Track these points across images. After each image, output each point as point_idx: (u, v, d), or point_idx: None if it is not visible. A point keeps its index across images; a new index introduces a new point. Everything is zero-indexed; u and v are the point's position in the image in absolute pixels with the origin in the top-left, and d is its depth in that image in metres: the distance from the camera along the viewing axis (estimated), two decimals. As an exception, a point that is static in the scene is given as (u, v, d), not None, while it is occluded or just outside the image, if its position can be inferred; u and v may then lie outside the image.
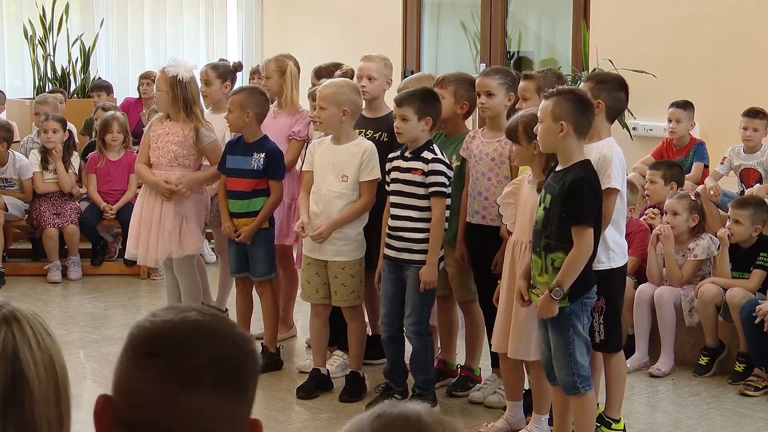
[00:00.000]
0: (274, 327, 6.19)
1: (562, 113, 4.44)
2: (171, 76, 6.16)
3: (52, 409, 1.64)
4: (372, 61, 6.03)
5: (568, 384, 4.58)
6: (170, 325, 1.61)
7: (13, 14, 10.81)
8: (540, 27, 9.92)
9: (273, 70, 6.49)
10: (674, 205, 6.27)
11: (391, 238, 5.36)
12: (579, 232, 4.42)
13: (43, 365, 1.63)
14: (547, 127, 4.47)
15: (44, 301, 7.67)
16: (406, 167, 5.32)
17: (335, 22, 10.71)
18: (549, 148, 4.56)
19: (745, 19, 7.92)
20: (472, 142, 5.49)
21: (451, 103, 5.57)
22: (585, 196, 4.42)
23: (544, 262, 4.51)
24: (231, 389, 1.58)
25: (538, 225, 4.54)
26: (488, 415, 5.40)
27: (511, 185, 5.03)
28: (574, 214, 4.42)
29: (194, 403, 1.56)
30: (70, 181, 8.42)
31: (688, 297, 6.21)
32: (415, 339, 5.38)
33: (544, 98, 4.54)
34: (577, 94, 4.53)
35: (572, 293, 4.48)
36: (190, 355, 1.57)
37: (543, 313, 4.52)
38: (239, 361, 1.60)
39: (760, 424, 5.44)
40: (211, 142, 6.24)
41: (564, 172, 4.49)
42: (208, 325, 1.61)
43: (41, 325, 1.67)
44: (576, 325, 4.53)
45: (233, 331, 1.63)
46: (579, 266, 4.45)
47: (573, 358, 4.53)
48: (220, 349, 1.59)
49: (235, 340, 1.61)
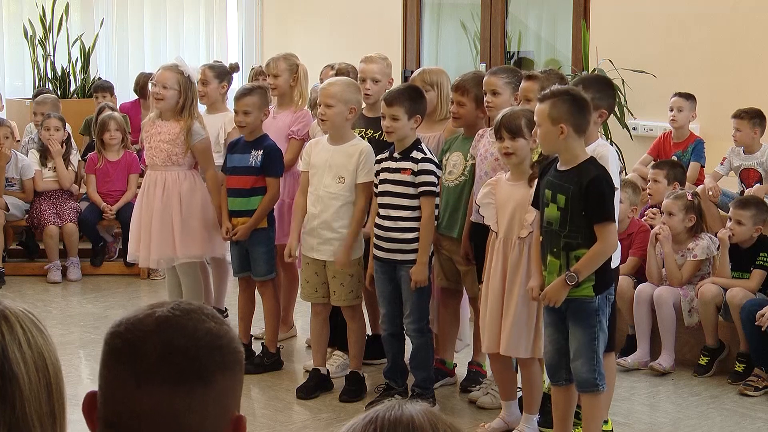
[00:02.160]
0: (274, 327, 6.19)
1: (561, 115, 4.44)
2: (185, 76, 6.14)
3: (44, 407, 1.63)
4: (375, 63, 6.03)
5: (588, 380, 4.57)
6: (133, 321, 1.60)
7: (13, 14, 10.80)
8: (540, 27, 9.91)
9: (283, 69, 6.46)
10: (669, 206, 6.27)
11: (381, 239, 5.36)
12: (603, 228, 4.46)
13: (33, 363, 1.63)
14: (546, 131, 4.46)
15: (44, 301, 7.67)
16: (396, 167, 5.32)
17: (335, 22, 10.70)
18: (551, 150, 4.56)
19: (745, 19, 7.92)
20: (480, 141, 5.48)
21: (473, 109, 5.55)
22: (605, 193, 4.47)
23: (565, 262, 4.50)
24: (187, 381, 1.57)
25: (553, 225, 4.53)
26: (488, 414, 5.40)
27: (488, 185, 5.03)
28: (598, 212, 4.45)
29: (150, 400, 1.56)
30: (70, 178, 8.44)
31: (688, 297, 6.21)
32: (416, 337, 5.40)
33: (539, 101, 4.53)
34: (572, 94, 4.52)
35: (597, 286, 4.51)
36: (143, 352, 1.57)
37: (552, 296, 4.51)
38: (194, 351, 1.57)
39: (760, 424, 5.44)
40: (201, 140, 6.20)
41: (574, 171, 4.49)
42: (170, 320, 1.59)
43: (32, 322, 1.67)
44: (602, 321, 4.55)
45: (198, 325, 1.60)
46: (601, 260, 4.50)
47: (596, 354, 4.55)
48: (171, 343, 1.57)
49: (196, 333, 1.59)
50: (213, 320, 1.63)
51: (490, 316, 4.98)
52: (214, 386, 1.59)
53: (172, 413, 1.57)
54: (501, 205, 4.94)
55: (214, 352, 1.60)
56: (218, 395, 1.60)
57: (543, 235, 4.60)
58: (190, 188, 6.26)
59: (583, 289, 4.52)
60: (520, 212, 4.88)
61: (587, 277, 4.49)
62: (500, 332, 4.95)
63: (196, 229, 6.28)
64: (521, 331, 4.88)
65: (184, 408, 1.57)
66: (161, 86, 6.15)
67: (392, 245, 5.32)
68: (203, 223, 6.30)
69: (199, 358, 1.58)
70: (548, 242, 4.56)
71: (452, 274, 5.69)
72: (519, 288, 4.87)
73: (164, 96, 6.15)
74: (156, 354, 1.57)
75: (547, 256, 4.57)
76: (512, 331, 4.90)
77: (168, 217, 6.23)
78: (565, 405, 4.75)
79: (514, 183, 4.94)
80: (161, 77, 6.18)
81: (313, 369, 5.75)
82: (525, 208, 4.86)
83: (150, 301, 7.16)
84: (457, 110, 5.55)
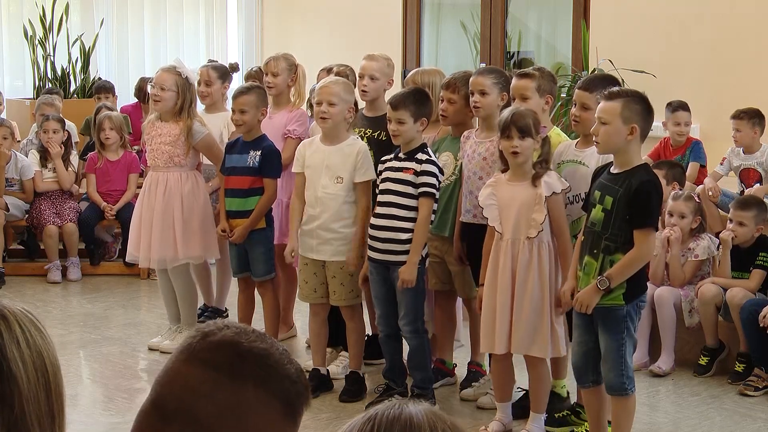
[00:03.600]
0: (274, 327, 6.19)
1: (632, 116, 4.41)
2: (183, 77, 6.15)
3: (42, 407, 1.63)
4: (375, 61, 6.04)
5: (616, 384, 4.58)
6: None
7: (13, 14, 10.80)
8: (540, 27, 9.91)
9: (283, 68, 6.46)
10: (681, 208, 6.25)
11: (375, 239, 5.35)
12: (643, 235, 4.44)
13: (32, 363, 1.63)
14: (615, 129, 4.42)
15: (44, 301, 7.67)
16: (399, 167, 5.33)
17: (335, 22, 10.70)
18: (611, 149, 4.53)
19: (745, 19, 7.92)
20: (466, 142, 5.50)
21: (462, 107, 5.56)
22: (653, 199, 4.45)
23: (602, 264, 4.50)
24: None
25: (596, 227, 4.52)
26: (488, 414, 5.40)
27: (488, 186, 5.02)
28: (641, 217, 4.43)
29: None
30: (70, 179, 8.45)
31: (688, 297, 6.20)
32: (412, 337, 5.39)
33: (606, 98, 4.49)
34: (643, 97, 4.51)
35: (628, 294, 4.50)
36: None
37: (584, 302, 4.51)
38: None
39: (760, 424, 5.44)
40: (203, 137, 6.22)
41: (626, 174, 4.47)
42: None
43: (31, 322, 1.67)
44: (630, 327, 4.55)
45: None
46: (636, 267, 4.48)
47: (624, 360, 4.56)
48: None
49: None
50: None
51: (500, 316, 4.93)
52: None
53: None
54: (504, 206, 4.93)
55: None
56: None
57: (585, 236, 4.60)
58: (192, 189, 6.27)
59: (614, 297, 4.52)
60: (526, 212, 4.87)
61: (619, 284, 4.49)
62: (510, 332, 4.93)
63: (198, 230, 6.29)
64: (535, 330, 4.87)
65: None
66: (159, 88, 6.18)
67: (386, 245, 5.31)
68: (204, 225, 6.30)
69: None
70: (589, 243, 4.55)
71: (444, 276, 5.69)
72: (532, 287, 4.86)
73: (162, 98, 6.17)
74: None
75: (585, 257, 4.56)
76: (526, 331, 4.89)
77: (169, 217, 6.24)
78: (597, 406, 4.75)
79: (516, 183, 4.93)
80: (159, 79, 6.19)
81: (312, 369, 5.75)
82: (530, 207, 4.85)
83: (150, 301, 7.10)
84: (446, 107, 5.56)
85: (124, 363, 6.31)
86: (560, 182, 4.90)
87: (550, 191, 4.85)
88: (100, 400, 5.73)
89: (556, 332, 4.89)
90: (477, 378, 5.71)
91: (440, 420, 1.47)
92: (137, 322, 7.23)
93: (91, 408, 5.60)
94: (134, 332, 6.92)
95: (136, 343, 6.66)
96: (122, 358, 6.39)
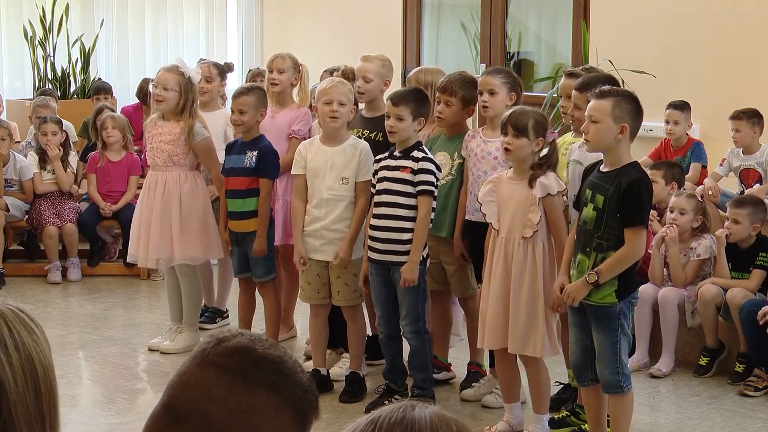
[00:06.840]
0: (275, 328, 6.19)
1: (623, 115, 4.44)
2: (185, 77, 6.15)
3: (31, 411, 1.62)
4: (370, 62, 6.04)
5: (612, 382, 4.60)
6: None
7: (13, 15, 10.79)
8: (540, 27, 9.91)
9: (289, 66, 6.46)
10: (683, 203, 6.25)
11: (376, 240, 5.35)
12: (633, 233, 4.46)
13: (20, 366, 1.61)
14: (606, 128, 4.44)
15: (44, 301, 7.67)
16: (395, 165, 5.33)
17: (335, 22, 10.70)
18: (601, 147, 4.55)
19: (745, 19, 7.92)
20: (471, 141, 5.49)
21: (459, 109, 5.58)
22: (643, 197, 4.47)
23: (595, 262, 4.52)
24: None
25: (588, 225, 4.54)
26: (488, 414, 5.40)
27: (489, 183, 5.03)
28: (631, 215, 4.45)
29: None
30: (69, 180, 8.44)
31: (692, 298, 6.20)
32: (413, 338, 5.39)
33: (597, 97, 4.50)
34: (634, 96, 4.54)
35: (620, 291, 4.52)
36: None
37: (572, 294, 4.53)
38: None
39: (760, 425, 5.44)
40: (203, 139, 6.21)
41: (617, 173, 4.49)
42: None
43: (21, 321, 1.65)
44: (624, 324, 4.57)
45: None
46: (626, 264, 4.50)
47: (618, 357, 4.57)
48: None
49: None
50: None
51: (494, 315, 4.95)
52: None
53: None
54: (503, 203, 4.94)
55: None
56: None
57: (577, 234, 4.62)
58: (191, 189, 6.27)
59: (606, 295, 4.53)
60: (522, 211, 4.88)
61: (610, 282, 4.50)
62: (506, 331, 4.93)
63: (196, 231, 6.28)
64: (531, 330, 4.87)
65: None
66: (162, 88, 6.16)
67: (387, 246, 5.31)
68: (203, 225, 6.30)
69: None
70: (582, 241, 4.57)
71: (439, 276, 5.70)
72: (527, 287, 4.86)
73: (165, 97, 6.16)
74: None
75: (578, 255, 4.58)
76: (522, 331, 4.89)
77: (167, 217, 6.24)
78: (596, 405, 4.76)
79: (517, 182, 4.93)
80: (162, 79, 6.18)
81: (313, 370, 5.75)
82: (526, 207, 4.86)
83: (150, 301, 7.11)
84: (443, 110, 5.57)
85: (124, 364, 6.30)
86: (558, 184, 4.89)
87: (545, 192, 4.84)
88: (100, 400, 5.73)
89: (552, 332, 4.89)
90: (477, 378, 5.70)
91: (445, 424, 1.46)
92: (137, 322, 7.23)
93: (91, 408, 5.60)
94: (134, 333, 6.92)
95: (136, 343, 6.66)
96: (122, 358, 6.39)
